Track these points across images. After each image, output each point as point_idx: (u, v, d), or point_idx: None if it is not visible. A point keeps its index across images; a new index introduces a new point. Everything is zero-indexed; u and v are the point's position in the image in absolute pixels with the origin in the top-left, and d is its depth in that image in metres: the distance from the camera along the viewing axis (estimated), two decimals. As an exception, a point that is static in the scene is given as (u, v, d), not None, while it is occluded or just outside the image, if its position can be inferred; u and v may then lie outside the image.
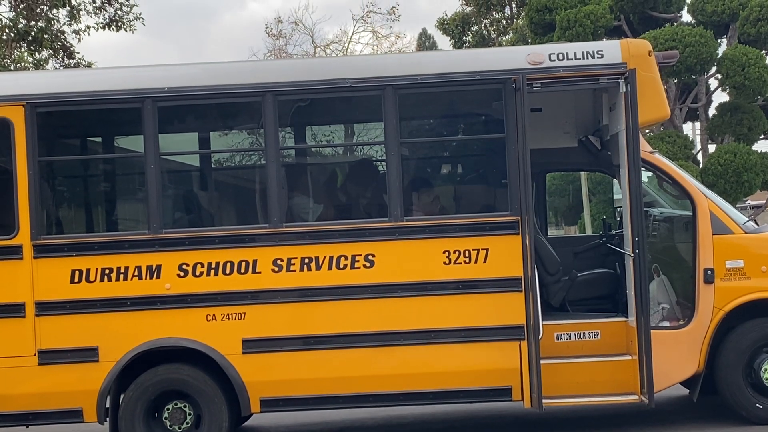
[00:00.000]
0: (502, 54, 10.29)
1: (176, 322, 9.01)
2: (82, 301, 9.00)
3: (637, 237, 8.88)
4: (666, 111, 9.58)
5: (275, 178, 9.09)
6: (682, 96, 30.29)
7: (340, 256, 9.00)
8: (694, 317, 9.25)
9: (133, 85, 9.19)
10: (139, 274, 9.00)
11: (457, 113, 10.47)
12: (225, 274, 9.00)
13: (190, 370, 9.09)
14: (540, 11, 30.95)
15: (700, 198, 9.38)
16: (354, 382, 9.02)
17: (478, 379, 9.01)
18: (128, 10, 27.29)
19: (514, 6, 52.05)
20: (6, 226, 9.06)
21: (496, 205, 9.46)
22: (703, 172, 25.54)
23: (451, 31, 52.44)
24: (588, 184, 33.25)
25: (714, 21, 28.82)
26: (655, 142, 25.81)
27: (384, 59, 11.94)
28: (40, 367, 8.99)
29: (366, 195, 10.14)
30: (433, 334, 8.99)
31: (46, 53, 26.26)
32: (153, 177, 9.07)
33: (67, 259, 9.02)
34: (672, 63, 10.51)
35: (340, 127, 11.32)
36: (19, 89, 9.20)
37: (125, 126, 10.11)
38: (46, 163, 9.41)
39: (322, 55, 47.18)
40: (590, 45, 9.41)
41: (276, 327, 9.01)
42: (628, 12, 30.09)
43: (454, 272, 8.98)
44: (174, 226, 9.52)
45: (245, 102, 9.47)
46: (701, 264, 9.24)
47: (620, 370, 9.19)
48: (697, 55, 26.05)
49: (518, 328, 8.93)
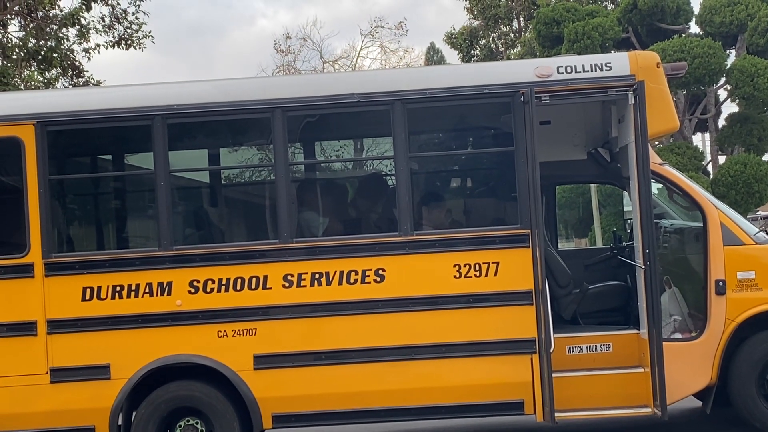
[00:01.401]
0: (511, 67, 10.28)
1: (188, 339, 9.01)
2: (93, 319, 9.01)
3: (647, 249, 8.86)
4: (675, 122, 9.57)
5: (285, 194, 9.10)
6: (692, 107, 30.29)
7: (351, 271, 9.00)
8: (706, 329, 9.22)
9: (143, 102, 9.23)
10: (150, 291, 9.02)
11: (466, 127, 10.47)
12: (236, 290, 9.01)
13: (202, 386, 9.09)
14: (548, 24, 31.03)
15: (711, 209, 9.36)
16: (366, 397, 9.01)
17: (490, 393, 8.99)
18: (137, 28, 27.38)
19: (521, 19, 52.21)
20: (17, 245, 9.09)
21: (506, 218, 9.45)
22: (714, 183, 25.53)
23: (459, 45, 52.61)
24: (598, 197, 33.24)
25: (722, 32, 28.84)
26: (664, 153, 25.81)
27: (392, 74, 11.93)
28: (52, 385, 9.00)
29: (376, 209, 10.14)
30: (444, 348, 8.98)
31: (56, 72, 26.34)
32: (163, 194, 9.09)
33: (78, 277, 9.04)
34: (681, 74, 10.50)
35: (350, 142, 11.35)
36: (30, 108, 9.24)
37: (135, 143, 10.15)
38: (57, 182, 9.43)
39: (330, 71, 47.29)
40: (598, 57, 9.40)
41: (287, 342, 9.00)
42: (636, 24, 30.14)
43: (464, 286, 8.97)
44: (184, 243, 9.53)
45: (254, 118, 9.48)
46: (712, 275, 9.22)
47: (632, 382, 9.16)
48: (705, 66, 26.07)
49: (530, 342, 8.92)
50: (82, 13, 25.57)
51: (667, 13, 29.58)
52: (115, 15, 27.15)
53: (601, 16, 30.17)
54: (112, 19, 27.16)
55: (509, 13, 52.22)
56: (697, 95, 30.14)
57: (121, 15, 27.25)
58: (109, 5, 27.02)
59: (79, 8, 25.41)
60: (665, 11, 29.55)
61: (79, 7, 25.45)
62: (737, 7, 28.83)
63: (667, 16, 29.62)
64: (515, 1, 51.89)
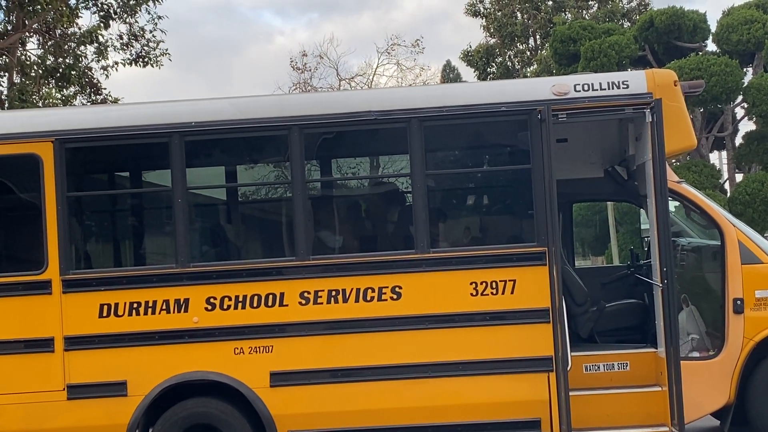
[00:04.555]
0: (527, 85, 10.28)
1: (204, 356, 9.02)
2: (110, 336, 9.03)
3: (665, 267, 8.83)
4: (692, 140, 9.55)
5: (302, 211, 9.11)
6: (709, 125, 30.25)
7: (367, 288, 9.00)
8: (724, 347, 9.18)
9: (160, 120, 9.26)
10: (167, 308, 9.03)
11: (483, 145, 10.46)
12: (252, 308, 9.01)
13: (218, 403, 9.08)
14: (564, 42, 31.06)
15: (729, 227, 9.33)
16: (382, 415, 8.99)
17: (507, 411, 8.96)
18: (155, 46, 27.57)
19: (538, 37, 52.28)
20: (35, 261, 9.13)
21: (523, 236, 9.44)
22: (731, 201, 25.47)
23: (476, 62, 52.67)
24: (615, 214, 33.16)
25: (739, 50, 28.81)
26: (681, 171, 25.76)
27: (409, 91, 11.96)
28: (69, 401, 9.01)
29: (392, 227, 10.14)
30: (461, 366, 8.96)
31: (74, 89, 26.53)
32: (180, 211, 9.12)
33: (95, 294, 9.06)
34: (698, 92, 10.47)
35: (366, 159, 11.35)
36: (48, 125, 9.29)
37: (153, 161, 10.19)
38: (75, 199, 9.47)
39: (346, 88, 47.37)
40: (615, 75, 9.38)
41: (304, 360, 9.00)
42: (652, 42, 30.14)
43: (481, 304, 8.96)
44: (201, 260, 9.54)
45: (271, 135, 9.51)
46: (730, 294, 9.18)
47: (650, 401, 9.12)
48: (722, 84, 26.05)
49: (546, 360, 8.89)
50: (100, 31, 25.81)
51: (684, 31, 29.56)
52: (132, 33, 27.37)
53: (617, 34, 30.17)
54: (130, 36, 27.38)
55: (525, 31, 52.28)
56: (714, 113, 30.09)
57: (139, 33, 27.46)
58: (127, 23, 27.24)
59: (97, 26, 25.64)
60: (682, 29, 29.54)
61: (98, 25, 25.67)
62: (754, 26, 28.79)
63: (684, 34, 29.59)
64: (532, 19, 51.96)
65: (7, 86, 24.98)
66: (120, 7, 26.41)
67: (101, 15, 25.87)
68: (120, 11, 26.48)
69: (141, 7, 26.82)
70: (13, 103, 22.78)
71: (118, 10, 26.34)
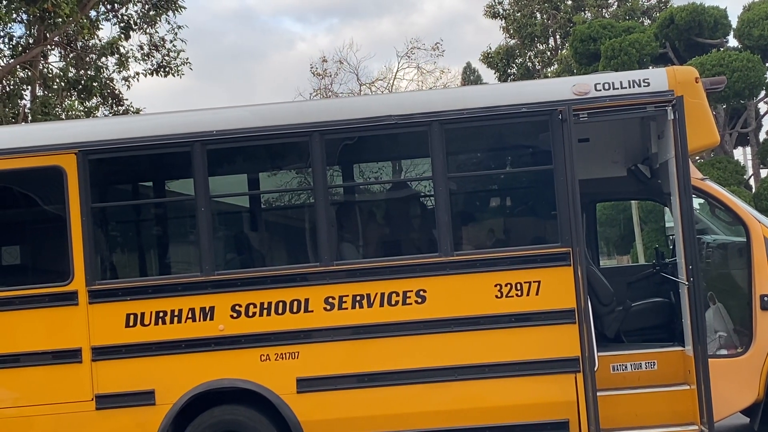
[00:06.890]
0: (548, 86, 10.25)
1: (231, 363, 9.04)
2: (137, 345, 9.07)
3: (691, 265, 8.79)
4: (715, 137, 9.51)
5: (324, 217, 9.13)
6: (732, 121, 30.10)
7: (392, 293, 9.00)
8: (752, 344, 9.13)
9: (182, 129, 9.30)
10: (192, 317, 9.06)
11: (504, 146, 10.45)
12: (277, 314, 9.03)
13: (246, 410, 9.10)
14: (584, 41, 30.97)
15: (754, 224, 9.28)
16: (409, 419, 8.98)
17: (535, 413, 8.93)
18: (175, 55, 27.68)
19: (558, 37, 52.18)
20: (61, 273, 9.18)
21: (547, 237, 9.42)
22: (756, 197, 25.31)
23: (496, 64, 52.63)
24: (639, 213, 33.01)
25: (761, 45, 28.62)
26: (705, 168, 25.65)
27: (429, 95, 11.93)
28: (98, 411, 9.05)
29: (415, 230, 10.14)
30: (488, 368, 8.94)
31: (96, 101, 26.70)
32: (204, 219, 9.16)
33: (121, 304, 9.10)
34: (720, 89, 10.41)
35: (388, 163, 11.36)
36: (71, 137, 9.34)
37: (175, 170, 10.22)
38: (99, 209, 9.52)
39: (367, 93, 47.43)
40: (636, 74, 9.36)
41: (330, 365, 9.01)
42: (673, 39, 30.00)
43: (506, 306, 8.94)
44: (226, 268, 9.55)
45: (293, 142, 9.52)
46: (757, 290, 9.13)
47: (679, 400, 9.08)
48: (745, 79, 25.91)
49: (573, 361, 8.86)
50: (120, 42, 25.96)
51: (705, 28, 29.42)
52: (153, 43, 27.50)
53: (637, 32, 30.07)
54: (151, 47, 27.52)
55: (545, 31, 52.20)
56: (737, 109, 29.93)
57: (160, 43, 27.59)
58: (147, 34, 27.38)
59: (117, 37, 25.79)
60: (702, 26, 29.40)
61: (118, 36, 25.81)
62: (776, 20, 28.63)
63: (705, 31, 29.45)
64: (551, 19, 51.87)
65: (30, 99, 25.17)
66: (140, 18, 26.57)
67: (122, 26, 26.03)
68: (140, 22, 26.63)
69: (161, 18, 26.96)
70: (36, 116, 22.95)
71: (138, 20, 26.49)
